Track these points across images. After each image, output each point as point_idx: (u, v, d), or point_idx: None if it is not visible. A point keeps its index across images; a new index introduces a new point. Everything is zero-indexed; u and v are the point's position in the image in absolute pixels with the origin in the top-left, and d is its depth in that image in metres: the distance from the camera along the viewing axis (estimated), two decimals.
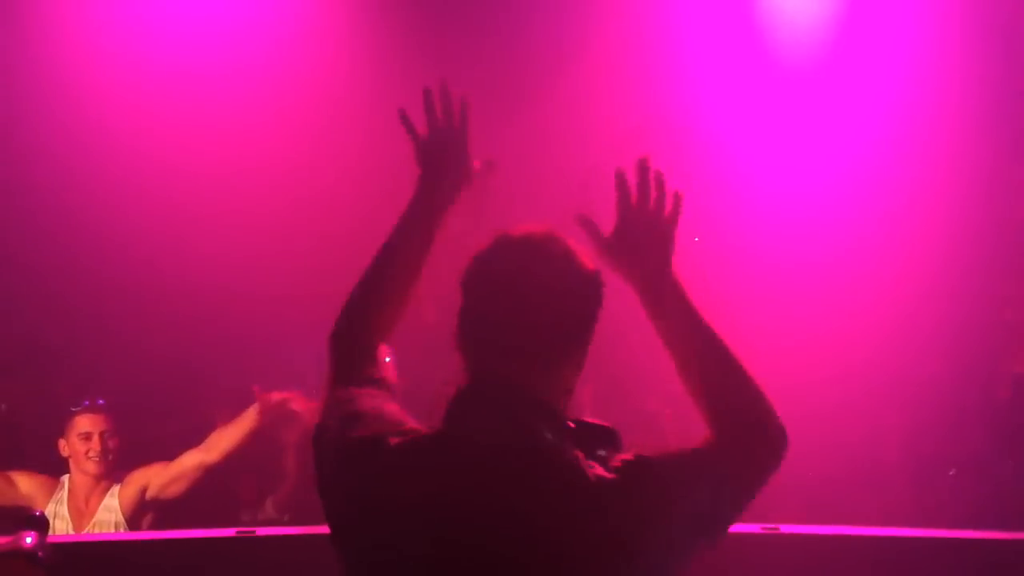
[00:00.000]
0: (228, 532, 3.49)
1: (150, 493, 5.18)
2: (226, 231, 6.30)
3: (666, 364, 2.09)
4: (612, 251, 2.12)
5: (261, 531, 3.72)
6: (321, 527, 2.04)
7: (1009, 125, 6.43)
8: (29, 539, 2.65)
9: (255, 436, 5.24)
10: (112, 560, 3.35)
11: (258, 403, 5.17)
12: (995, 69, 6.36)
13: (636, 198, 2.11)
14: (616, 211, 2.12)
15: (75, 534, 4.99)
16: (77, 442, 5.15)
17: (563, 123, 6.31)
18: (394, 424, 2.03)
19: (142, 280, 6.43)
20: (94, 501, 5.17)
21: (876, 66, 6.43)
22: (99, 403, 5.23)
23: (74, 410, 5.19)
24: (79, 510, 5.16)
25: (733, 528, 2.01)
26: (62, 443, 5.20)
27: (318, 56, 6.48)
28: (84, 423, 5.15)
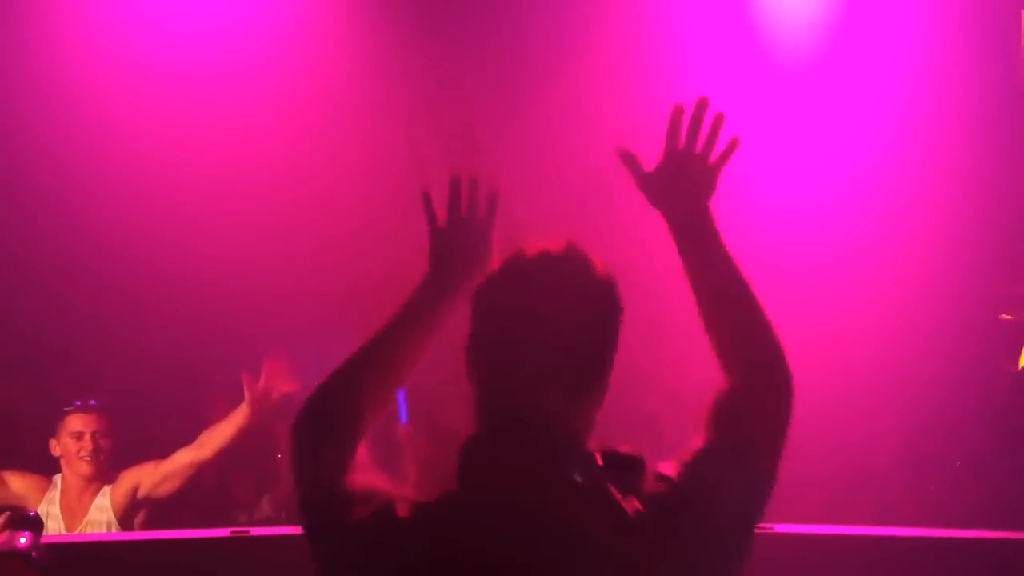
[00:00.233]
0: (223, 532, 3.48)
1: (141, 492, 5.16)
2: (225, 231, 6.31)
3: (666, 364, 2.06)
4: (651, 185, 2.08)
5: (256, 531, 3.71)
6: None
7: (1008, 125, 6.44)
8: (23, 539, 2.64)
9: (247, 433, 5.20)
10: (107, 560, 3.34)
11: (247, 392, 5.11)
12: (995, 68, 6.36)
13: (686, 137, 2.06)
14: (664, 147, 2.07)
15: (69, 534, 4.97)
16: (69, 442, 5.12)
17: (562, 123, 6.31)
18: (396, 494, 1.84)
19: (141, 279, 6.44)
20: (86, 501, 5.15)
21: (876, 65, 6.45)
22: (91, 403, 5.20)
23: (66, 410, 5.17)
24: (71, 510, 5.14)
25: None
26: (53, 443, 5.17)
27: (318, 56, 6.49)
28: (76, 423, 5.13)
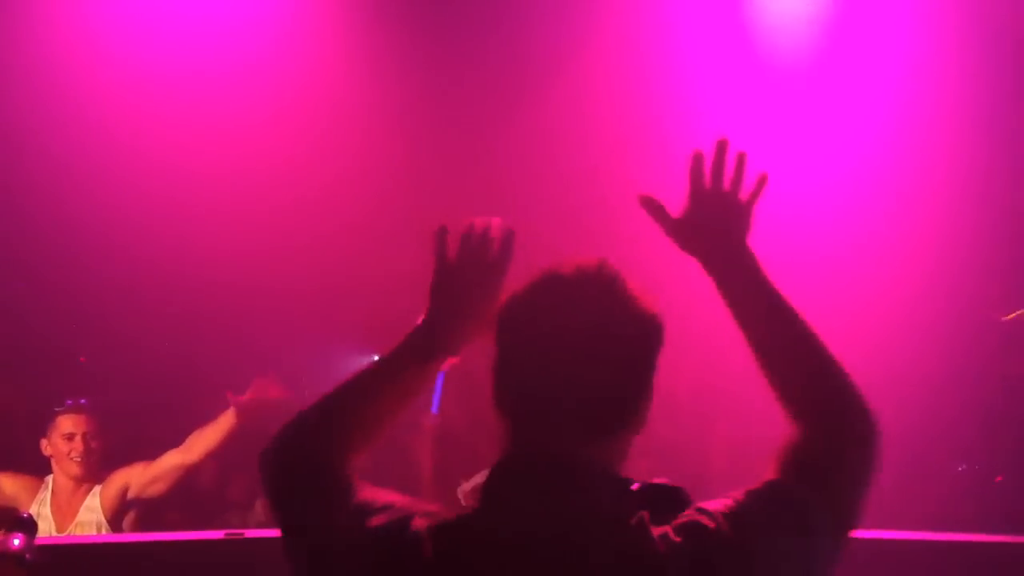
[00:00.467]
0: (217, 534, 3.47)
1: (131, 493, 5.15)
2: (222, 231, 6.31)
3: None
4: (682, 231, 1.97)
5: (250, 533, 3.70)
6: None
7: (1005, 125, 6.44)
8: (16, 541, 2.62)
9: (234, 437, 5.20)
10: (100, 562, 3.33)
11: (232, 408, 5.14)
12: (992, 68, 6.37)
13: (711, 178, 1.97)
14: (689, 191, 1.98)
15: (61, 535, 4.95)
16: (60, 443, 5.10)
17: (560, 124, 6.31)
18: (409, 507, 1.73)
19: (136, 280, 6.45)
20: (76, 501, 5.13)
21: (873, 66, 6.45)
22: (81, 403, 5.18)
23: (57, 410, 5.14)
24: (61, 510, 5.12)
25: None
26: (44, 443, 5.16)
27: (316, 56, 6.49)
28: (67, 424, 5.11)
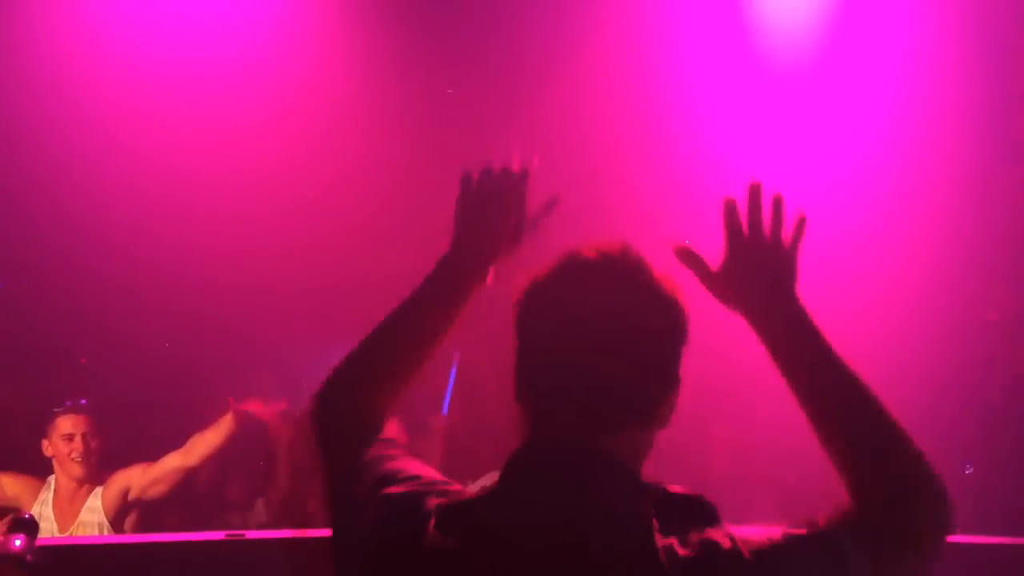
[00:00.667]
0: (218, 535, 3.47)
1: (132, 494, 5.17)
2: (223, 230, 6.32)
3: None
4: (723, 285, 1.85)
5: (251, 534, 3.70)
6: (312, 531, 1.99)
7: (1003, 127, 6.44)
8: (18, 542, 2.62)
9: (233, 441, 5.23)
10: (101, 563, 3.32)
11: (232, 414, 5.19)
12: (991, 70, 6.37)
13: (749, 228, 1.83)
14: (726, 241, 1.84)
15: (62, 536, 4.96)
16: (60, 443, 5.12)
17: (560, 124, 6.31)
18: (432, 483, 1.73)
19: (136, 280, 6.46)
20: (78, 502, 5.15)
21: (872, 66, 6.45)
22: (81, 403, 5.20)
23: (56, 411, 5.16)
24: (63, 511, 5.14)
25: None
26: (45, 443, 5.17)
27: (316, 56, 6.50)
28: (66, 424, 5.13)
